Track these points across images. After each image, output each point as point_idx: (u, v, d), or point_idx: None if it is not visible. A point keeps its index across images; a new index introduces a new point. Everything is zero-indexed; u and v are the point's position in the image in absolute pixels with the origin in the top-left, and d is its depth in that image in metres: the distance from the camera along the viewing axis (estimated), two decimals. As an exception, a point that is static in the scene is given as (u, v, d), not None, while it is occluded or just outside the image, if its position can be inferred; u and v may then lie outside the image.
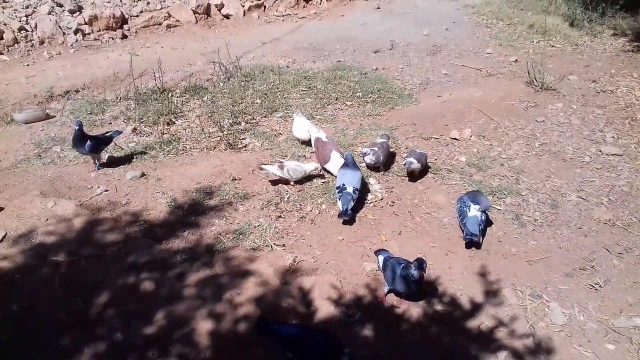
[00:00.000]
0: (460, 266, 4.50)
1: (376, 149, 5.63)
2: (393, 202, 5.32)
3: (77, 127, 5.36)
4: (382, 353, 3.66)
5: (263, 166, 5.50)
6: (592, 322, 3.93)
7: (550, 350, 3.72)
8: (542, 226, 5.03)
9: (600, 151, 6.30)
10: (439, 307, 4.10)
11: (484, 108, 7.35)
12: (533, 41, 10.64)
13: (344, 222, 4.95)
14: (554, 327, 3.90)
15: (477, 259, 4.59)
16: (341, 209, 4.90)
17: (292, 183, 5.48)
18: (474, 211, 4.69)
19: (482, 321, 3.97)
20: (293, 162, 5.53)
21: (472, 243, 4.70)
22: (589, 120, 7.10)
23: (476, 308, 4.10)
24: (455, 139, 6.60)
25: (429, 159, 5.87)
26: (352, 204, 4.92)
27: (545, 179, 5.77)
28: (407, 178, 5.69)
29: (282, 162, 5.45)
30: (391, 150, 5.99)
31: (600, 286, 4.26)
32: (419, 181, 5.68)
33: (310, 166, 5.54)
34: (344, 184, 4.97)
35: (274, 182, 5.50)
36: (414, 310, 4.05)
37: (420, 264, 3.87)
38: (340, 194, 4.94)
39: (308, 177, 5.56)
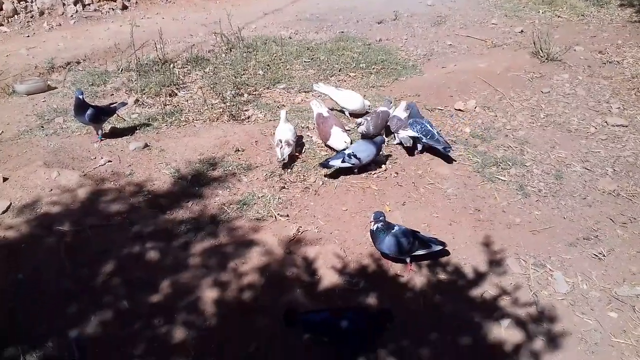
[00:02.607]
0: (464, 236, 4.51)
1: (369, 118, 5.61)
2: (397, 172, 5.31)
3: (79, 96, 5.32)
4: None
5: (283, 155, 5.14)
6: (595, 291, 3.95)
7: (554, 318, 3.74)
8: (546, 197, 5.02)
9: (605, 122, 6.25)
10: (442, 276, 4.12)
11: (489, 79, 7.28)
12: (539, 11, 10.51)
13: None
14: (557, 296, 3.92)
15: (480, 229, 4.59)
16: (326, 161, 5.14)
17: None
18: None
19: (486, 290, 3.99)
20: (285, 132, 5.25)
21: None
22: (595, 91, 7.03)
23: (480, 277, 4.11)
24: (459, 110, 6.56)
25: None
26: (338, 162, 5.06)
27: (550, 150, 5.74)
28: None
29: (281, 140, 5.16)
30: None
31: (604, 255, 4.27)
32: (423, 152, 5.65)
33: (283, 114, 5.46)
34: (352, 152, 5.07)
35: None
36: (417, 279, 4.07)
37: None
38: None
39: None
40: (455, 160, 5.52)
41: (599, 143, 5.87)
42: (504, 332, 3.64)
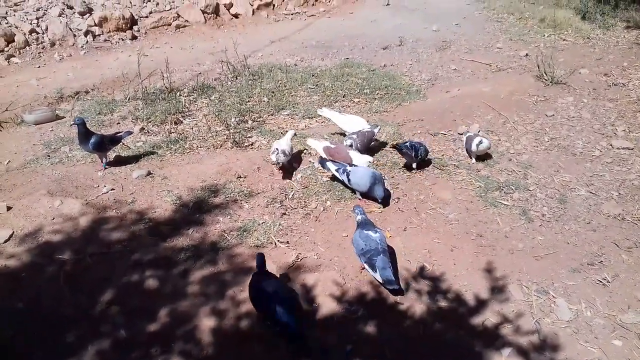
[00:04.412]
0: (466, 262, 4.46)
1: (355, 136, 5.78)
2: (398, 198, 5.29)
3: (78, 123, 5.41)
4: (385, 349, 3.63)
5: (279, 162, 5.46)
6: (599, 318, 3.87)
7: (556, 347, 3.66)
8: (550, 221, 4.96)
9: (611, 145, 6.20)
10: (443, 303, 4.06)
11: (493, 103, 7.29)
12: (544, 35, 10.55)
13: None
14: (560, 323, 3.84)
15: (482, 255, 4.54)
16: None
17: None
18: None
19: (487, 317, 3.93)
20: (282, 143, 5.53)
21: None
22: (600, 114, 7.00)
23: (481, 304, 4.05)
24: (463, 134, 6.54)
25: (431, 155, 5.90)
26: (333, 168, 5.29)
27: (554, 174, 5.70)
28: (413, 173, 5.67)
29: (278, 150, 5.40)
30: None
31: (609, 281, 4.19)
32: (425, 177, 5.64)
33: (290, 133, 5.78)
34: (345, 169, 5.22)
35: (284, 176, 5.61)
36: (417, 306, 4.01)
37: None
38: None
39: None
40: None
41: (604, 166, 5.82)
42: (505, 361, 3.58)
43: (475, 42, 10.39)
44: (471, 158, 5.92)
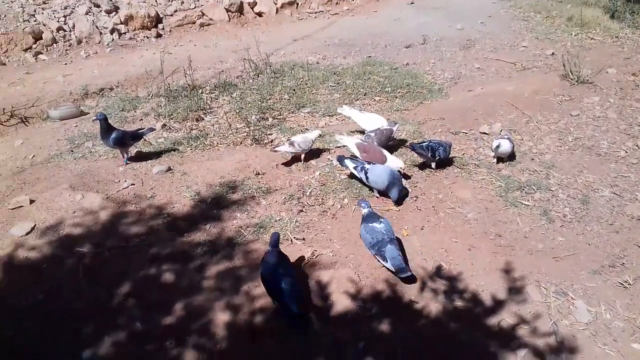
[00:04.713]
0: (483, 262, 4.40)
1: (373, 134, 5.77)
2: (417, 196, 5.24)
3: (100, 119, 5.51)
4: (398, 348, 3.61)
5: (276, 148, 5.76)
6: (618, 321, 3.78)
7: (574, 349, 3.59)
8: (572, 222, 4.87)
9: (637, 145, 6.06)
10: (459, 303, 4.02)
11: (516, 102, 7.18)
12: (571, 34, 10.36)
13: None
14: (578, 326, 3.77)
15: (501, 255, 4.48)
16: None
17: (302, 157, 5.79)
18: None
19: (503, 318, 3.87)
20: (299, 135, 5.81)
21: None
22: (627, 114, 6.84)
23: (498, 305, 4.00)
24: (484, 133, 6.47)
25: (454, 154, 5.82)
26: (351, 166, 5.26)
27: (577, 174, 5.59)
28: (433, 172, 5.63)
29: (290, 139, 5.72)
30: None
31: (630, 284, 4.09)
32: (445, 176, 5.59)
33: (315, 133, 5.87)
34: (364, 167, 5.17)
35: (288, 163, 5.63)
36: (433, 305, 3.97)
37: None
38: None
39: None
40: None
41: (630, 167, 5.68)
42: (520, 363, 3.52)
43: (501, 41, 10.25)
44: (494, 158, 5.85)
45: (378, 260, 4.22)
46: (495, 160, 5.82)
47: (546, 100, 7.29)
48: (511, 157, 5.86)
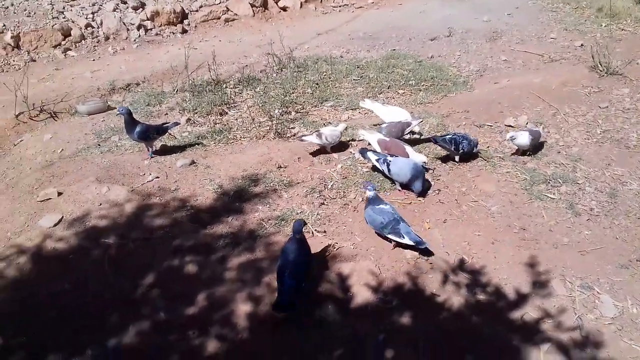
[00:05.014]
0: (507, 255, 4.35)
1: (385, 125, 5.84)
2: (439, 189, 5.20)
3: (123, 113, 5.60)
4: (419, 341, 3.59)
5: (303, 137, 5.80)
6: (646, 316, 3.70)
7: (599, 344, 3.53)
8: (598, 216, 4.78)
9: (668, 138, 5.90)
10: (481, 296, 3.98)
11: (543, 94, 7.05)
12: (601, 25, 10.10)
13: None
14: (604, 320, 3.70)
15: (525, 249, 4.42)
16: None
17: (328, 150, 5.82)
18: None
19: (527, 312, 3.82)
20: (327, 128, 5.85)
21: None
22: (658, 105, 6.66)
23: (521, 298, 3.95)
24: (510, 126, 6.38)
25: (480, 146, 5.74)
26: (374, 158, 5.26)
27: (605, 167, 5.47)
28: (456, 165, 5.57)
29: (318, 131, 5.76)
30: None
31: (658, 278, 4.00)
32: (469, 169, 5.53)
33: (342, 126, 5.93)
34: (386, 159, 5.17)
35: (312, 155, 5.56)
36: (455, 299, 3.95)
37: None
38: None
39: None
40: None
41: (660, 160, 5.54)
42: (544, 358, 3.47)
43: (528, 33, 10.07)
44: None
45: (390, 240, 4.36)
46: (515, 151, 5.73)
47: (574, 92, 7.14)
48: (536, 149, 5.76)
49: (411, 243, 4.22)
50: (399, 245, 4.35)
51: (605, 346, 3.50)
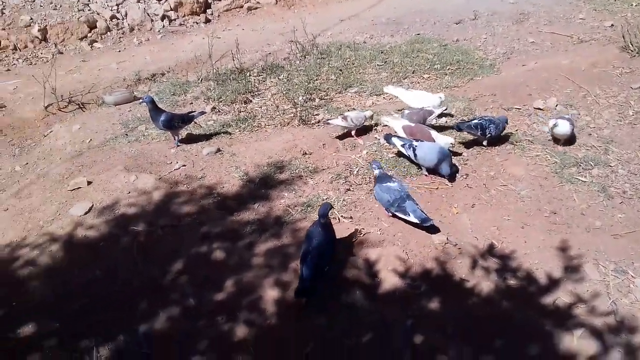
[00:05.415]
0: (537, 240, 4.27)
1: (407, 112, 5.83)
2: (467, 174, 5.13)
3: (147, 101, 5.66)
4: (448, 326, 3.56)
5: (329, 121, 5.91)
6: (682, 300, 3.60)
7: (634, 329, 3.46)
8: (632, 198, 4.66)
9: None
10: (512, 281, 3.93)
11: (573, 76, 6.87)
12: (632, 4, 9.79)
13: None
14: (639, 304, 3.60)
15: (556, 233, 4.34)
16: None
17: (353, 134, 5.83)
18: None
19: (559, 297, 3.75)
20: (353, 112, 5.89)
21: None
22: (693, 85, 6.44)
23: (553, 283, 3.88)
24: (539, 108, 6.24)
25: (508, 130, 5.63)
26: (399, 143, 5.22)
27: (638, 149, 5.34)
28: (484, 149, 5.48)
29: (344, 114, 5.81)
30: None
31: (695, 262, 3.88)
32: (497, 153, 5.44)
33: (368, 112, 5.94)
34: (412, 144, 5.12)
35: (337, 139, 5.50)
36: (484, 284, 3.90)
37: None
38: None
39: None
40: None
41: (697, 141, 5.37)
42: (577, 343, 3.41)
43: (556, 14, 9.81)
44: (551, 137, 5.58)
45: (397, 217, 4.44)
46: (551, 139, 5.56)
47: (604, 73, 6.94)
48: (570, 141, 5.54)
49: (416, 221, 4.26)
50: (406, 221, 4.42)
51: (640, 331, 3.43)
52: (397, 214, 4.40)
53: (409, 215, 4.29)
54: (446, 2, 11.02)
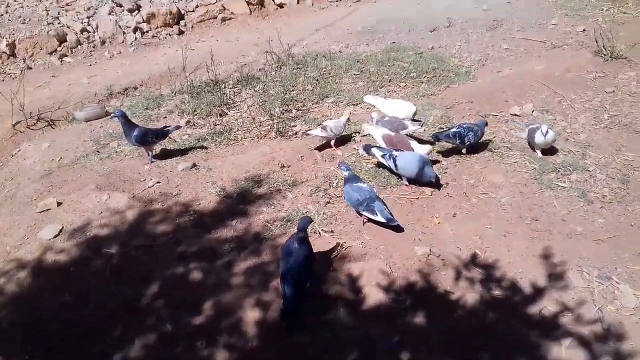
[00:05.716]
0: (520, 248, 4.24)
1: (382, 120, 5.80)
2: (447, 183, 5.08)
3: (118, 115, 5.50)
4: (434, 340, 3.48)
5: (308, 131, 5.84)
6: (668, 306, 3.58)
7: (621, 336, 3.43)
8: (612, 203, 4.66)
9: (679, 120, 5.76)
10: (496, 292, 3.88)
11: (547, 81, 6.92)
12: (603, 9, 9.96)
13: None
14: (625, 311, 3.60)
15: (538, 240, 4.31)
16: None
17: (332, 144, 5.76)
18: None
19: (544, 306, 3.72)
20: (331, 121, 5.83)
21: None
22: (666, 88, 6.52)
23: (538, 292, 3.84)
24: (515, 115, 6.25)
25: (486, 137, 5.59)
26: (379, 154, 5.16)
27: (615, 153, 5.36)
28: (462, 157, 5.44)
29: (322, 124, 5.73)
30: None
31: (678, 266, 3.87)
32: (476, 160, 5.40)
33: (344, 118, 5.90)
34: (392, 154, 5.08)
35: (315, 151, 5.41)
36: (469, 295, 3.84)
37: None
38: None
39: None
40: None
41: (672, 143, 5.41)
42: (565, 353, 3.37)
43: (528, 20, 9.91)
44: (535, 151, 5.47)
45: (365, 216, 4.51)
46: (539, 152, 5.43)
47: (579, 78, 7.00)
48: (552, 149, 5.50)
49: (383, 220, 4.38)
50: (370, 221, 4.52)
51: (628, 338, 3.41)
52: (364, 213, 4.47)
53: (377, 214, 4.39)
54: (420, 10, 11.08)
